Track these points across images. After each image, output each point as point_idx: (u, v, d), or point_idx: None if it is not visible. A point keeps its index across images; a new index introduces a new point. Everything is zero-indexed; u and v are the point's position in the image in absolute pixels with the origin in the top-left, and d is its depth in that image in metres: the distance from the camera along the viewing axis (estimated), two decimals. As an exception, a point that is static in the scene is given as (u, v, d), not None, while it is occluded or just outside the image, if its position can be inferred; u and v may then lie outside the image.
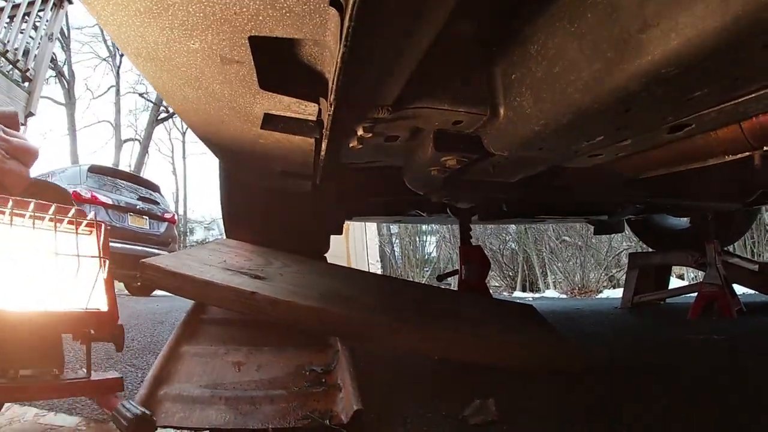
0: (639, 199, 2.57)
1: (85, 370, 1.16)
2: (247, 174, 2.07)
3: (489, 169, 1.59)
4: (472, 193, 1.92)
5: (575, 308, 4.82)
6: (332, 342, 1.72)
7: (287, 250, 2.40)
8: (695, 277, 9.63)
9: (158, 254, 6.52)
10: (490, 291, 3.17)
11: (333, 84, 0.93)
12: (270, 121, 1.21)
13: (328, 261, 2.78)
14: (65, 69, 20.74)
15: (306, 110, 1.11)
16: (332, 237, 3.07)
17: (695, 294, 3.47)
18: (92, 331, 1.13)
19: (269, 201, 2.47)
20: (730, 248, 4.64)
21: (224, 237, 2.71)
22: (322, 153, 1.38)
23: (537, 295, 9.31)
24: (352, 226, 9.30)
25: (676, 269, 7.59)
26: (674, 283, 4.49)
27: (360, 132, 1.25)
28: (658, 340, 2.67)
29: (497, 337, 1.87)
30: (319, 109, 1.12)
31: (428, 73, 1.16)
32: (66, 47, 20.63)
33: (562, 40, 0.96)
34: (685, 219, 4.20)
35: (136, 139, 23.46)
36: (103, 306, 1.15)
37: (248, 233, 2.52)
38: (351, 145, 1.34)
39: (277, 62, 1.01)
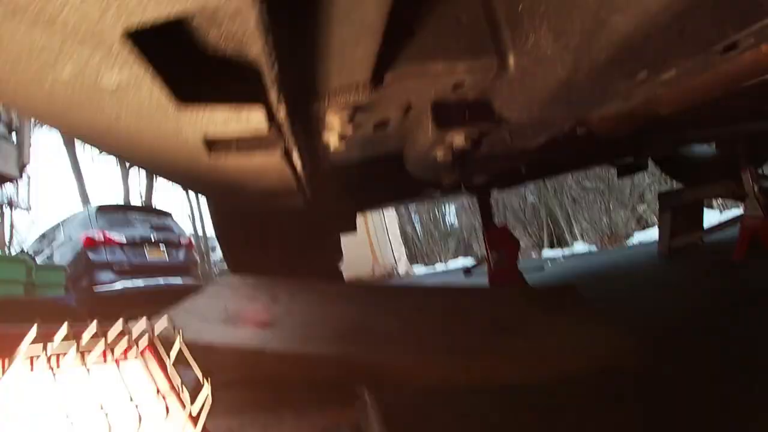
0: (669, 134, 2.28)
1: None
2: (228, 202, 1.80)
3: (506, 138, 1.29)
4: (488, 167, 1.63)
5: (611, 263, 4.49)
6: (359, 392, 1.45)
7: (295, 268, 2.18)
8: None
9: (181, 285, 6.35)
10: (519, 252, 2.91)
11: (270, 69, 0.64)
12: (215, 147, 0.89)
13: (353, 253, 2.55)
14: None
15: (252, 119, 0.79)
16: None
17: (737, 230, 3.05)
18: None
19: (264, 221, 2.20)
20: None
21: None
22: (298, 166, 1.08)
23: (567, 251, 8.89)
24: (369, 215, 9.26)
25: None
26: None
27: (338, 128, 0.97)
28: (716, 301, 2.11)
29: (541, 350, 1.58)
30: (272, 114, 0.81)
31: (408, 23, 0.87)
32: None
33: None
34: (712, 145, 3.82)
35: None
36: None
37: (249, 260, 2.27)
38: (332, 147, 1.06)
39: (187, 63, 0.70)
